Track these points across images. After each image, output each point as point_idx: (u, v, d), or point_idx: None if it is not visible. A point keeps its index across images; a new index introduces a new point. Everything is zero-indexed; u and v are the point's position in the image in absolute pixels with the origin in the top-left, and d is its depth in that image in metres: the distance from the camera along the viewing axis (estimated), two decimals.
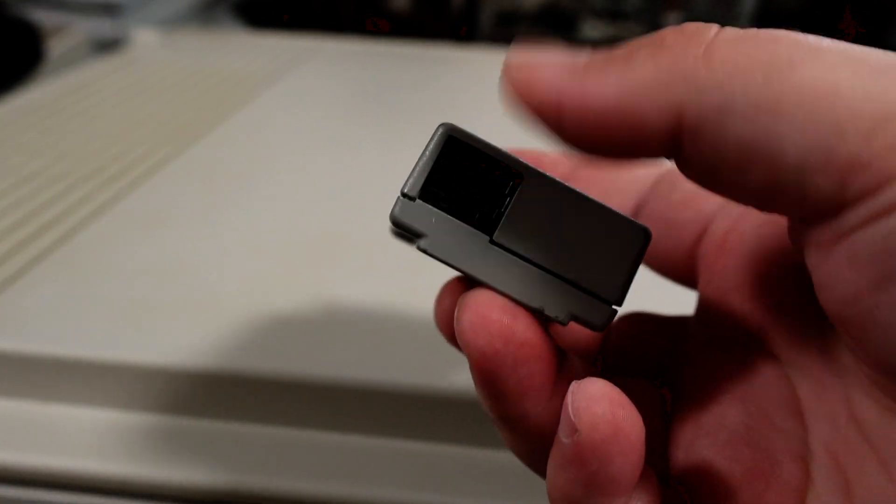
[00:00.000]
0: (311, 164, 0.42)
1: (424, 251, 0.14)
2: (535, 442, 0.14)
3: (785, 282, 0.15)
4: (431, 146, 0.14)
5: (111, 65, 0.60)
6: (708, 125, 0.11)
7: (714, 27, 0.12)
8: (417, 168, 0.14)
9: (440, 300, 0.18)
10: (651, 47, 0.12)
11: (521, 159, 0.14)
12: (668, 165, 0.15)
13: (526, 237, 0.14)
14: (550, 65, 0.13)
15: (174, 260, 0.31)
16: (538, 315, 0.14)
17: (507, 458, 0.25)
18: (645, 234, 0.14)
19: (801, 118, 0.10)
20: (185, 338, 0.27)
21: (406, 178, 0.14)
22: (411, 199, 0.14)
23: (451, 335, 0.17)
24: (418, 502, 0.24)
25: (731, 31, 0.12)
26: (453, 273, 0.16)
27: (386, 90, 0.57)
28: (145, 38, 0.67)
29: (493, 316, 0.13)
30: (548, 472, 0.13)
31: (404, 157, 0.48)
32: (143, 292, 0.29)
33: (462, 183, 0.14)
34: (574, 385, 0.13)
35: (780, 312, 0.15)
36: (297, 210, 0.37)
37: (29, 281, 0.30)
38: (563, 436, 0.12)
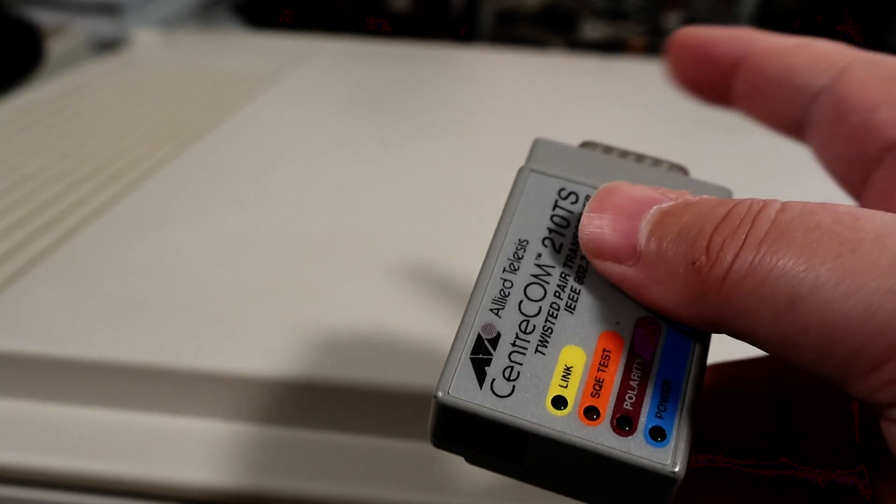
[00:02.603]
0: (311, 163, 0.42)
1: (471, 463, 0.14)
2: None
3: None
4: (432, 411, 0.14)
5: (111, 65, 0.60)
6: (743, 337, 0.13)
7: (738, 239, 0.13)
8: (431, 413, 0.14)
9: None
10: (686, 257, 0.13)
11: (521, 424, 0.13)
12: (833, 74, 0.17)
13: (552, 474, 0.14)
14: (615, 241, 0.14)
15: (174, 260, 0.31)
16: None
17: None
18: (670, 481, 0.13)
19: (812, 354, 0.12)
20: (185, 338, 0.27)
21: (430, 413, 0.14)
22: (436, 440, 0.14)
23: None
24: (418, 502, 0.24)
25: (744, 258, 0.12)
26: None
27: (386, 90, 0.57)
28: (145, 38, 0.67)
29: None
30: None
31: (404, 156, 0.48)
32: (143, 292, 0.29)
33: (475, 435, 0.14)
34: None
35: None
36: (297, 210, 0.37)
37: (29, 281, 0.30)
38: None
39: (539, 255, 0.15)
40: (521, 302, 0.14)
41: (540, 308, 0.14)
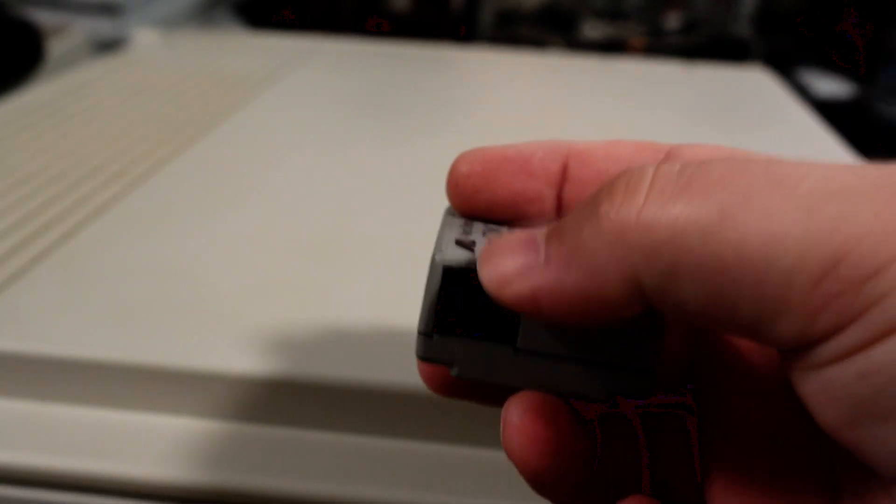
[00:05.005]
0: (310, 164, 0.42)
1: (459, 377, 0.15)
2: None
3: None
4: (432, 283, 0.14)
5: (111, 65, 0.60)
6: (665, 287, 0.11)
7: (646, 178, 0.12)
8: (425, 306, 0.15)
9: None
10: (592, 219, 0.12)
11: None
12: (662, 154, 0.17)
13: (546, 336, 0.14)
14: (517, 264, 0.13)
15: (174, 260, 0.31)
16: (579, 399, 0.15)
17: (506, 458, 0.25)
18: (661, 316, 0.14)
19: (747, 275, 0.10)
20: (185, 338, 0.27)
21: (419, 317, 0.15)
22: (429, 336, 0.15)
23: (436, 388, 0.17)
24: (418, 502, 0.24)
25: (661, 183, 0.12)
26: None
27: (386, 90, 0.57)
28: (145, 38, 0.67)
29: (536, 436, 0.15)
30: None
31: (404, 156, 0.48)
32: (143, 292, 0.29)
33: (472, 307, 0.14)
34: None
35: None
36: (297, 210, 0.37)
37: (29, 281, 0.30)
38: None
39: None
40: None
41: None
